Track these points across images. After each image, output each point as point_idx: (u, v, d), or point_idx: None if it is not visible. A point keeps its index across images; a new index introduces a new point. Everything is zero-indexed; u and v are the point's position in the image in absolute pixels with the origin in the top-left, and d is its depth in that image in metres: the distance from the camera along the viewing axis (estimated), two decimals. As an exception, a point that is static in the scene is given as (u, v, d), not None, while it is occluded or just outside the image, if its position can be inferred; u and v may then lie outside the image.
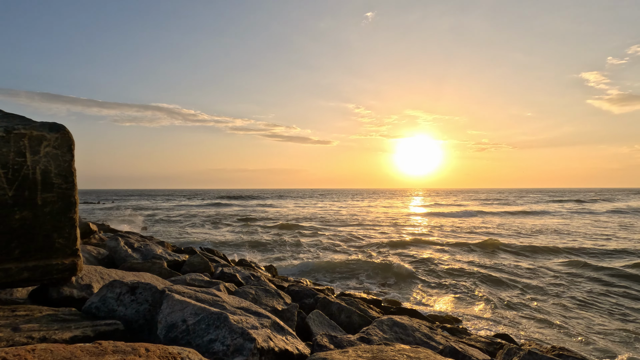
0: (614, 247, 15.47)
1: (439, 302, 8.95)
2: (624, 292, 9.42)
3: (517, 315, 7.94)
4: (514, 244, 16.73)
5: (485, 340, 4.88)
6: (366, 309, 5.26)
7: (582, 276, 11.02)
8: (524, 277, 11.05)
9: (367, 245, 16.86)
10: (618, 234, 20.38)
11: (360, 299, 6.88)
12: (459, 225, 25.57)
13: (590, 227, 24.08)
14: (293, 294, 5.56)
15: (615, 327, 7.19)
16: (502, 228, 24.14)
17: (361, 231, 22.05)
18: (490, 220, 29.30)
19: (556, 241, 17.91)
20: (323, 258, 13.86)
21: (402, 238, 18.97)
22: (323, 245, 16.72)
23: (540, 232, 21.97)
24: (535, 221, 28.60)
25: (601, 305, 8.47)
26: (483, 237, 18.92)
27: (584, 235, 19.91)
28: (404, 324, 3.91)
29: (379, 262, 13.06)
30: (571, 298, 8.99)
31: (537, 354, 3.21)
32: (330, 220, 28.83)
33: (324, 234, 20.39)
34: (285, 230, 22.18)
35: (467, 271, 11.71)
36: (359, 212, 38.02)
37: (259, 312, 3.10)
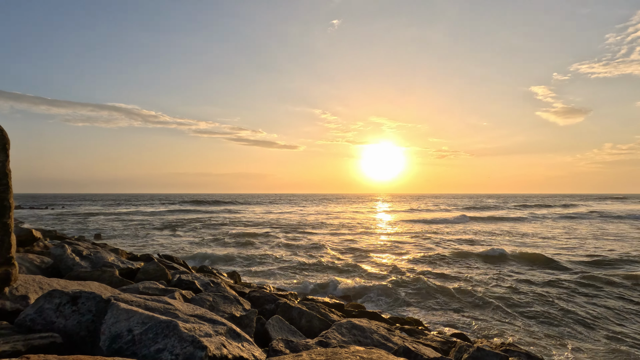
0: (590, 253, 16.70)
1: (401, 304, 9.17)
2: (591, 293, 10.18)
3: (476, 315, 8.32)
4: (476, 248, 17.56)
5: (440, 340, 5.06)
6: (327, 313, 5.28)
7: (543, 279, 11.78)
8: (477, 274, 11.62)
9: (333, 249, 16.97)
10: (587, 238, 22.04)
11: (323, 303, 6.89)
12: (433, 231, 26.46)
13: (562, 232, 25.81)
14: (254, 300, 5.47)
15: (570, 326, 7.75)
16: (462, 233, 25.27)
17: (327, 235, 22.16)
18: (448, 226, 30.62)
19: (514, 244, 19.04)
20: (290, 263, 13.76)
21: (369, 243, 19.29)
22: (290, 251, 16.60)
23: (496, 234, 23.27)
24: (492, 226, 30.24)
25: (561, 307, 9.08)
26: (449, 244, 19.70)
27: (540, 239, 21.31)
28: (363, 327, 3.97)
29: (347, 265, 13.19)
30: (535, 298, 9.57)
31: (485, 350, 3.39)
32: (297, 225, 28.72)
33: (291, 239, 20.27)
34: (250, 236, 21.80)
35: (432, 273, 12.12)
36: (326, 218, 38.23)
37: (214, 319, 3.01)
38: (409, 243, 19.25)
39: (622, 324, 7.70)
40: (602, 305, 8.78)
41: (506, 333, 7.23)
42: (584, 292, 9.90)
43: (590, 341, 6.87)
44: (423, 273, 12.13)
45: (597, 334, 7.18)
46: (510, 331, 7.35)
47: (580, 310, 8.45)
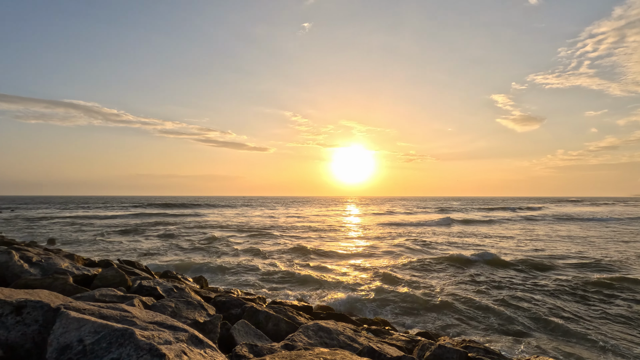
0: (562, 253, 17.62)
1: (369, 305, 9.30)
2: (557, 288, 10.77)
3: (442, 316, 8.60)
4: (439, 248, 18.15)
5: (405, 339, 5.18)
6: (295, 315, 5.26)
7: (506, 278, 12.35)
8: (440, 274, 12.04)
9: (308, 253, 16.93)
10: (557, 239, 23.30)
11: (291, 306, 6.86)
12: (399, 232, 27.02)
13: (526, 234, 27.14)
14: (219, 305, 5.34)
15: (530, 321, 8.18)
16: (422, 235, 26.05)
17: (302, 239, 22.09)
18: (415, 227, 31.52)
19: (471, 245, 19.87)
20: (261, 267, 13.57)
21: (344, 245, 19.43)
22: (260, 254, 16.38)
23: (465, 236, 24.22)
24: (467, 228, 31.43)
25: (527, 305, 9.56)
26: (435, 246, 20.23)
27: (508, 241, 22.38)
28: (329, 329, 3.99)
29: (320, 269, 13.20)
30: (501, 298, 10.02)
31: (446, 346, 3.51)
32: (269, 228, 28.40)
33: (263, 243, 20.01)
34: (219, 240, 21.30)
35: (397, 275, 12.39)
36: (298, 220, 38.12)
37: (175, 325, 2.91)
38: (384, 245, 19.59)
39: (576, 321, 8.26)
40: (577, 307, 9.37)
41: (468, 331, 7.54)
42: (571, 293, 10.51)
43: (544, 338, 7.31)
44: (397, 276, 12.39)
45: (553, 331, 7.65)
46: (473, 329, 7.66)
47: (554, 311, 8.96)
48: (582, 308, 8.90)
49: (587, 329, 7.53)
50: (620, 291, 10.13)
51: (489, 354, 4.19)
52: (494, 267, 13.57)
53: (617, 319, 8.19)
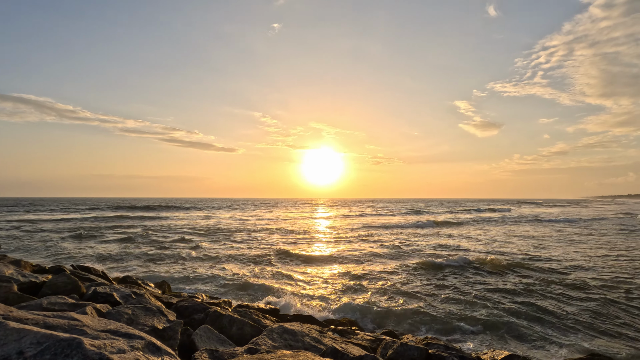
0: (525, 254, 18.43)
1: (336, 305, 9.36)
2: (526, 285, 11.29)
3: (409, 316, 8.81)
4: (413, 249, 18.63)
5: (370, 338, 5.27)
6: (260, 319, 5.18)
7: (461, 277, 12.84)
8: (413, 276, 12.38)
9: (266, 255, 16.75)
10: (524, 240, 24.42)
11: (257, 309, 6.76)
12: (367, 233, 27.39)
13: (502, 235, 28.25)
14: (181, 310, 5.15)
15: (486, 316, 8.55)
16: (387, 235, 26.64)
17: (265, 242, 21.83)
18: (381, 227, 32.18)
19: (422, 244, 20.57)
20: (226, 270, 13.26)
21: (314, 247, 19.41)
22: (229, 258, 16.01)
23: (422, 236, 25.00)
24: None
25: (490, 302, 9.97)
26: (415, 249, 20.60)
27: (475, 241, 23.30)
28: (294, 331, 3.97)
29: (277, 272, 13.10)
30: (456, 296, 10.39)
31: (408, 345, 3.61)
32: (237, 231, 27.83)
33: (229, 246, 19.57)
34: (184, 243, 20.60)
35: (369, 276, 12.56)
36: (268, 223, 37.70)
37: (130, 333, 2.77)
38: (356, 248, 19.78)
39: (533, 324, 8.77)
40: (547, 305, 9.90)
41: (434, 330, 7.78)
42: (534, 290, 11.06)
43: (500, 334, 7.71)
44: (370, 276, 12.54)
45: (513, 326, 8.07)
46: (439, 328, 7.92)
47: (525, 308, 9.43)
48: (550, 305, 9.48)
49: (540, 322, 8.03)
50: (582, 291, 10.90)
51: (448, 350, 4.35)
52: (469, 269, 14.13)
53: (569, 314, 8.79)
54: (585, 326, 7.88)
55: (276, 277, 12.39)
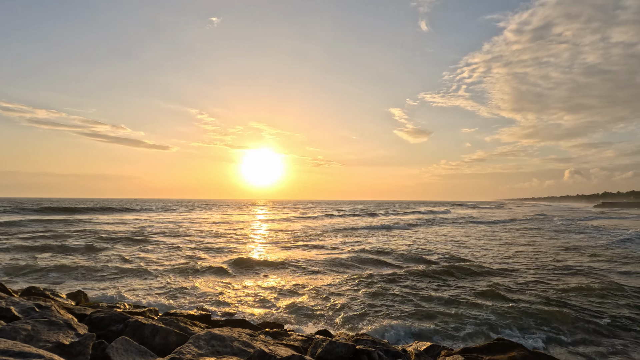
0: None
1: (272, 308, 9.27)
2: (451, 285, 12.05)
3: (340, 312, 9.04)
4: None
5: (302, 339, 5.31)
6: (188, 326, 4.92)
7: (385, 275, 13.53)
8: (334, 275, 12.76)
9: (219, 262, 16.03)
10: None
11: (187, 316, 6.41)
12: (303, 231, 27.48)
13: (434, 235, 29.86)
14: (96, 322, 4.68)
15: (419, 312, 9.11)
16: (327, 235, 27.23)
17: (201, 247, 20.84)
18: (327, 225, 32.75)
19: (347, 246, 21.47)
20: (154, 277, 12.37)
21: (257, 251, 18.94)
22: (159, 263, 14.92)
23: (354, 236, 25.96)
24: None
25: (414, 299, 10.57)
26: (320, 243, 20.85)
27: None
28: (223, 336, 3.84)
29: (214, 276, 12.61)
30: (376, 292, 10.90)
31: (336, 342, 3.72)
32: (169, 233, 26.04)
33: (158, 250, 18.26)
34: (103, 250, 18.75)
35: (310, 277, 12.63)
36: (203, 225, 35.95)
37: (25, 352, 2.44)
38: (299, 251, 19.74)
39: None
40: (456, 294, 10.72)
41: (370, 326, 8.09)
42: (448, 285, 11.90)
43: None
44: (312, 276, 12.58)
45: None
46: (370, 323, 8.26)
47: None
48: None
49: (449, 311, 8.84)
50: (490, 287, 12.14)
51: (375, 344, 4.57)
52: (416, 271, 14.90)
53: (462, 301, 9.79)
54: (508, 317, 8.87)
55: (210, 282, 11.89)
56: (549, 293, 10.49)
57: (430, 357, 5.69)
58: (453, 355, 4.76)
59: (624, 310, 9.08)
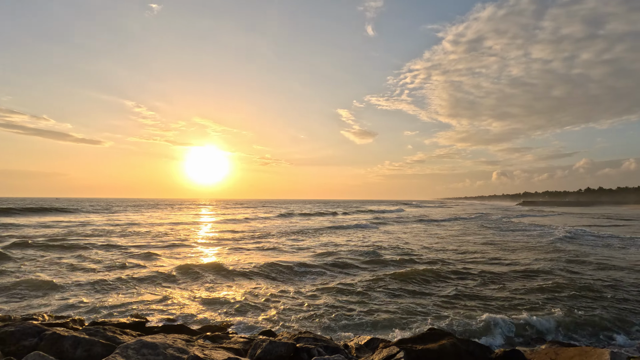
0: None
1: (216, 312, 8.95)
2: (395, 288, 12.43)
3: (289, 312, 9.01)
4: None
5: (244, 340, 5.21)
6: (117, 335, 4.56)
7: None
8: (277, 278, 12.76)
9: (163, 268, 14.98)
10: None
11: (117, 325, 5.94)
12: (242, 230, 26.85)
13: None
14: (5, 337, 4.14)
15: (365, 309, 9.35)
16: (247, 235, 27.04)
17: (136, 252, 19.43)
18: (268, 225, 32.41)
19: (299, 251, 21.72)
20: (84, 284, 11.26)
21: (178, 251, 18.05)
22: (91, 269, 13.59)
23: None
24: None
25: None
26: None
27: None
28: (155, 344, 3.63)
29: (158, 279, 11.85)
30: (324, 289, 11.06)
31: (275, 342, 3.71)
32: (98, 234, 23.80)
33: (88, 257, 16.64)
34: (17, 257, 16.67)
35: (240, 277, 12.36)
36: (140, 227, 33.51)
37: None
38: (243, 256, 19.22)
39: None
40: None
41: (317, 323, 8.16)
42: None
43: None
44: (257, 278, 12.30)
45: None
46: (318, 321, 8.33)
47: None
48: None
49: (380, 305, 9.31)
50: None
51: (317, 341, 4.65)
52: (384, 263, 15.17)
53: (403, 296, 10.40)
54: (443, 307, 9.49)
55: (149, 288, 11.14)
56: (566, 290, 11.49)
57: (370, 350, 5.92)
58: (390, 346, 5.00)
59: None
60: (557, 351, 5.69)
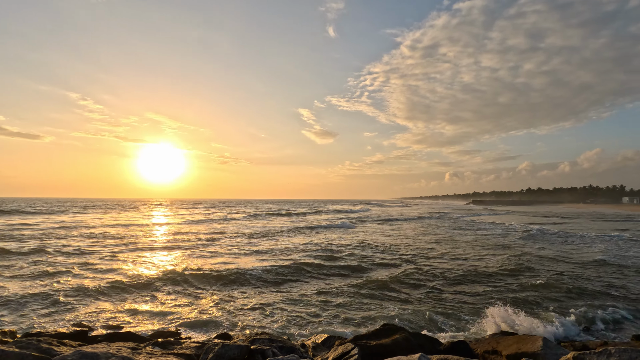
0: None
1: (169, 318, 8.55)
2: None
3: (248, 314, 8.82)
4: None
5: (197, 345, 5.03)
6: (53, 347, 4.20)
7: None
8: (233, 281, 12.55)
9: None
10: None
11: (54, 335, 5.47)
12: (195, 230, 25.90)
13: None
14: None
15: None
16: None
17: (81, 257, 18.05)
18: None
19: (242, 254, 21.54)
20: (15, 294, 10.24)
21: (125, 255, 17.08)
22: (20, 274, 12.35)
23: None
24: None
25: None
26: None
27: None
28: (96, 354, 3.39)
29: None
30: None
31: (228, 345, 3.62)
32: (34, 237, 21.71)
33: (24, 259, 15.14)
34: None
35: (192, 281, 11.95)
36: (86, 230, 31.12)
37: None
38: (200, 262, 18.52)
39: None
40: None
41: (274, 326, 8.06)
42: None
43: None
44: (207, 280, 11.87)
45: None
46: (276, 322, 8.25)
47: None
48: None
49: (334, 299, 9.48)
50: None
51: (272, 342, 4.61)
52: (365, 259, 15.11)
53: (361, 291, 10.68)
54: (399, 300, 9.79)
55: (96, 296, 10.36)
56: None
57: (326, 347, 5.99)
58: (345, 343, 5.09)
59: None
60: (499, 340, 6.13)
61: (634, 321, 8.46)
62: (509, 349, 5.43)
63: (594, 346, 6.24)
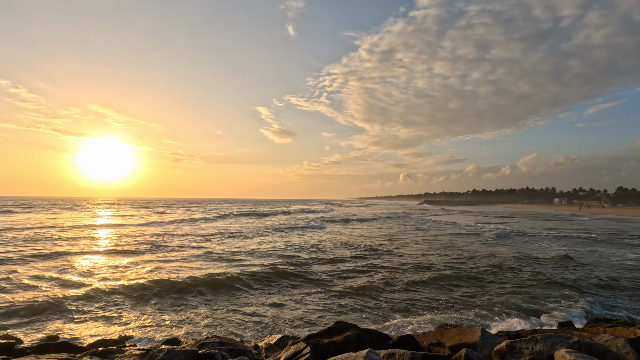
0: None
1: (113, 325, 8.00)
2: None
3: (198, 319, 8.50)
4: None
5: (141, 352, 4.77)
6: (-29, 363, 3.76)
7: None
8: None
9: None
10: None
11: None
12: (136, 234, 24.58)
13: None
14: None
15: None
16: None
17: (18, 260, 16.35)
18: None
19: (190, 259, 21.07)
20: None
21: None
22: None
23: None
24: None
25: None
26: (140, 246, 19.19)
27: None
28: (23, 367, 3.09)
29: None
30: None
31: (174, 350, 3.49)
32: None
33: None
34: None
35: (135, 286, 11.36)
36: (16, 233, 28.16)
37: None
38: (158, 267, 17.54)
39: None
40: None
41: (225, 329, 7.86)
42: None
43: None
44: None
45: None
46: (225, 326, 8.05)
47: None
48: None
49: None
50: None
51: (222, 345, 4.50)
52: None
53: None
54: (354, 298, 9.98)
55: (29, 302, 9.42)
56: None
57: (280, 348, 5.97)
58: (297, 343, 5.11)
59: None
60: (443, 332, 6.50)
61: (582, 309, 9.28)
62: (452, 340, 5.78)
63: (525, 334, 6.85)
